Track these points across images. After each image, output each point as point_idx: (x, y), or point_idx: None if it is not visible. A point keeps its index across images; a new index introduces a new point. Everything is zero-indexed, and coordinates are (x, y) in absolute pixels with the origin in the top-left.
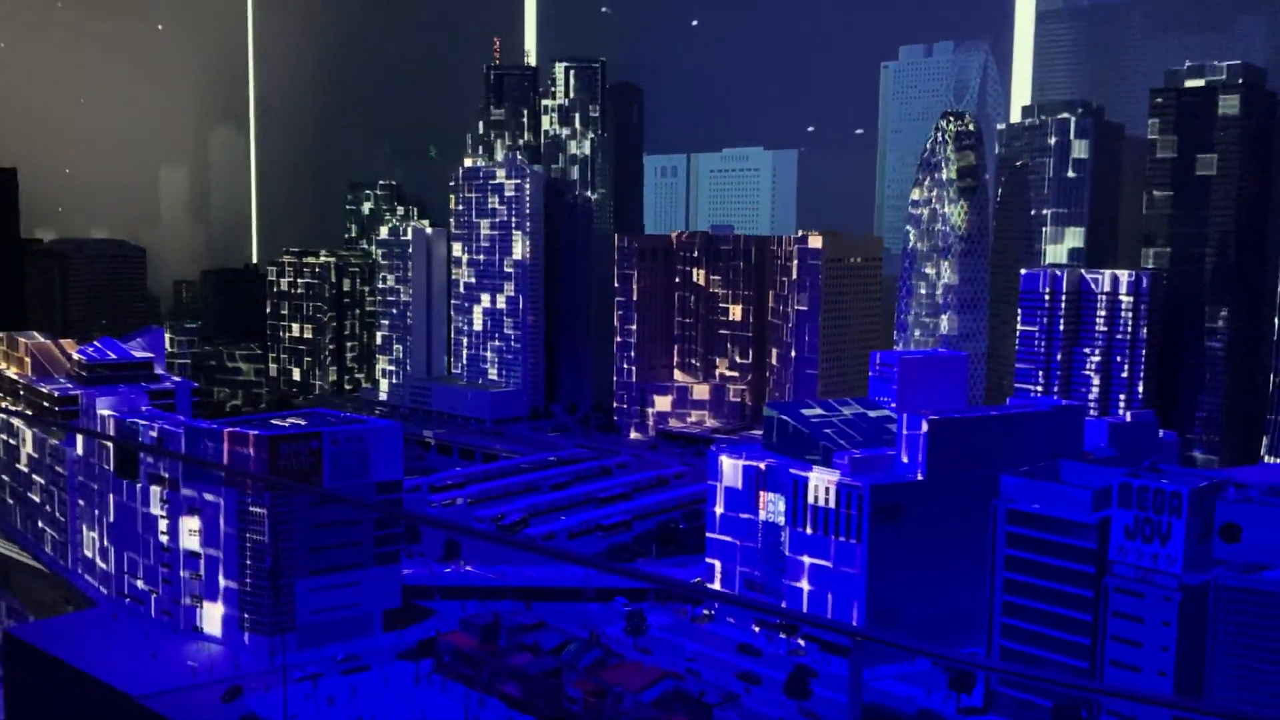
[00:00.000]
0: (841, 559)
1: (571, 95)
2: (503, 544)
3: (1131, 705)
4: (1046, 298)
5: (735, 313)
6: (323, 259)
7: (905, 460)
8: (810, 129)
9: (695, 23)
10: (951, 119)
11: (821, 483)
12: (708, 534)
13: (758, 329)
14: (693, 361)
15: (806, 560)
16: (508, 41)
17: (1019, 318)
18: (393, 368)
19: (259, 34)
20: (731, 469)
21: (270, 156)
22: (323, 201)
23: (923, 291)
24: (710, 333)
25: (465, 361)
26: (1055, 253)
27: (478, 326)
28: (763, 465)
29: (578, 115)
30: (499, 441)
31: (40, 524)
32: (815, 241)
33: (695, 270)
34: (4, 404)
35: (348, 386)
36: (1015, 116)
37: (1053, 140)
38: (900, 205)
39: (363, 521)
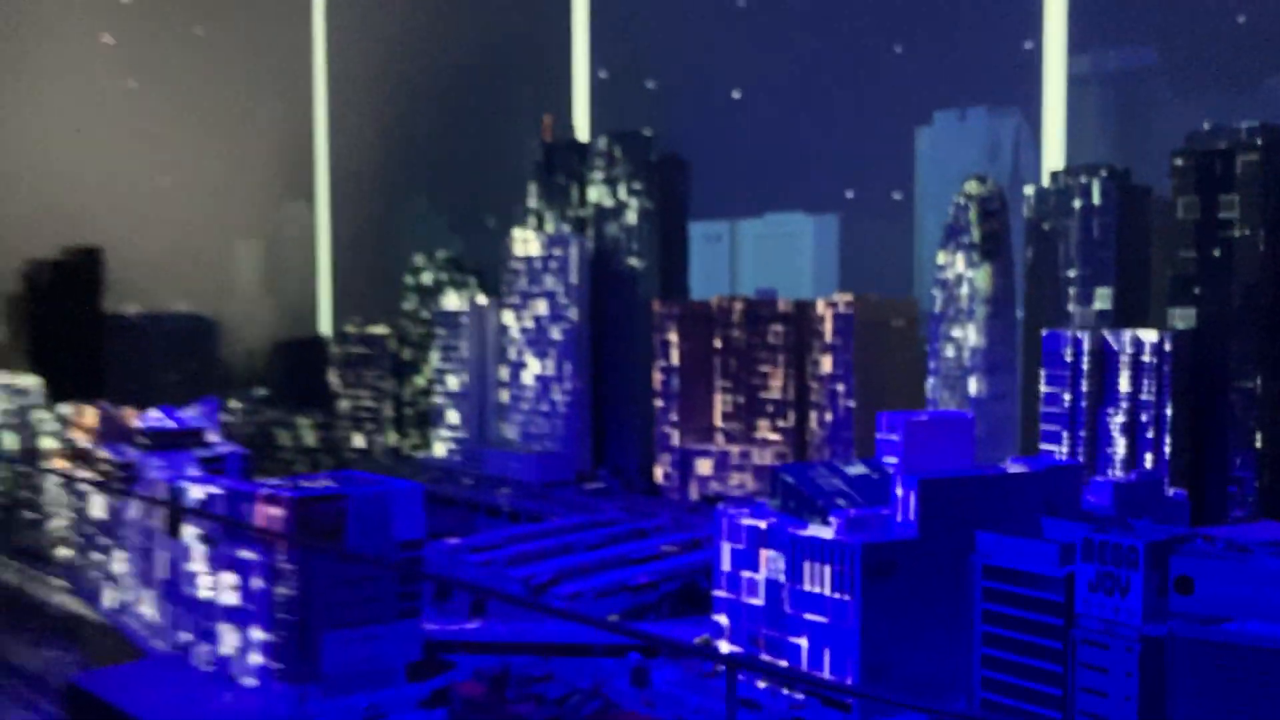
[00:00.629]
0: (836, 615)
1: (618, 167)
2: (496, 598)
3: None
4: (1069, 359)
5: (776, 376)
6: (383, 329)
7: (900, 519)
8: (849, 194)
9: (737, 95)
10: (975, 183)
11: (817, 541)
12: (714, 592)
13: (798, 392)
14: (734, 425)
15: (805, 616)
16: (559, 118)
17: (1042, 379)
18: (448, 433)
19: (329, 114)
20: (736, 528)
21: (336, 231)
22: (385, 274)
23: (950, 354)
24: (751, 396)
25: (516, 426)
26: (1084, 315)
27: (528, 392)
28: (764, 524)
29: (624, 186)
30: (544, 504)
31: (102, 581)
32: (847, 304)
33: (736, 334)
34: (73, 470)
35: (405, 452)
36: (1046, 180)
37: (1078, 203)
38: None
39: (385, 578)
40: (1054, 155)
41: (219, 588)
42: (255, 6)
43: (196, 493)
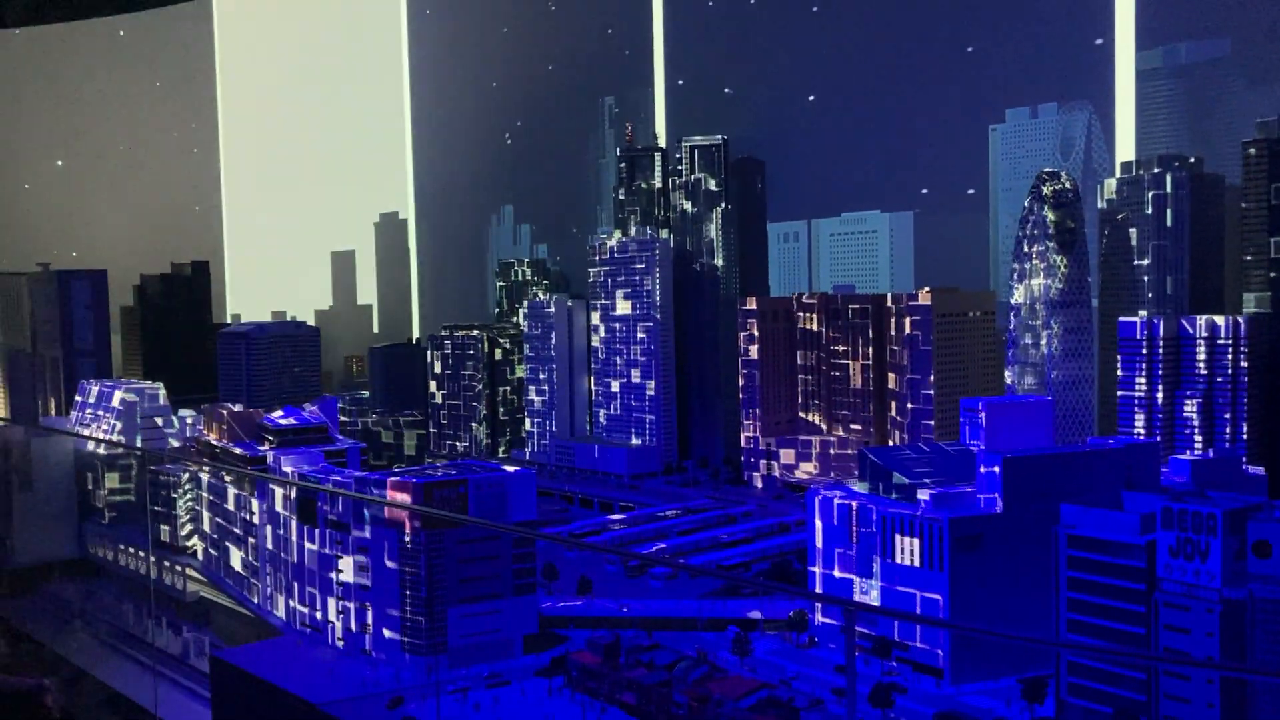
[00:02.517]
0: (926, 587)
1: (697, 171)
2: (582, 548)
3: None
4: (1144, 344)
5: (855, 368)
6: (474, 332)
7: (983, 496)
8: (924, 191)
9: (811, 98)
10: (1049, 177)
11: (906, 516)
12: (809, 568)
13: (877, 383)
14: (815, 416)
15: (897, 589)
16: (639, 125)
17: (1119, 364)
18: (538, 430)
19: (416, 130)
20: (827, 508)
21: (427, 240)
22: (474, 279)
23: (1028, 342)
24: (831, 387)
25: (604, 421)
26: (1158, 302)
27: (615, 389)
28: (854, 503)
29: (703, 189)
30: (634, 495)
31: (236, 567)
32: (926, 297)
33: (816, 329)
34: (205, 466)
35: (499, 449)
36: (1118, 172)
37: (1150, 194)
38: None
39: (503, 557)
40: (1126, 147)
41: (349, 570)
42: (348, 25)
43: (327, 482)
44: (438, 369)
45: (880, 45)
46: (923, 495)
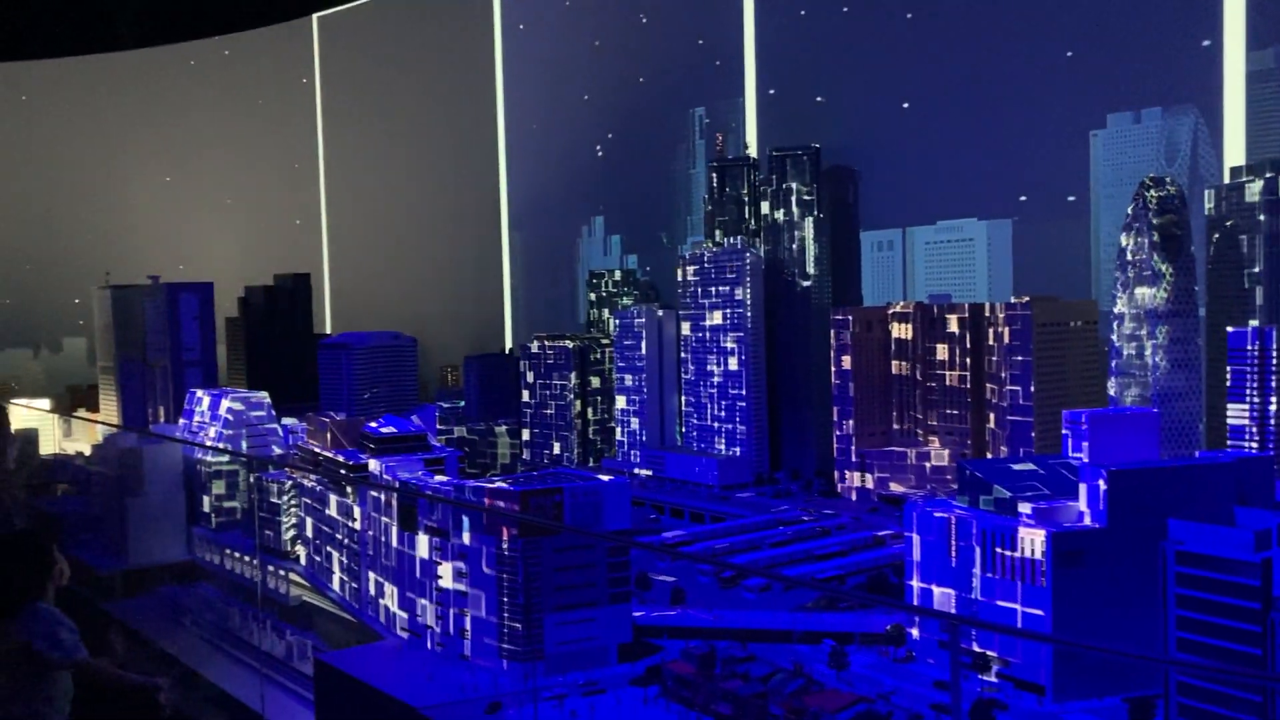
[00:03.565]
0: (1028, 603)
1: (789, 180)
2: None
3: None
4: (1255, 355)
5: (951, 378)
6: (566, 342)
7: (1087, 510)
8: (1022, 198)
9: (906, 105)
10: (1152, 183)
11: (1008, 531)
12: (906, 582)
13: (974, 394)
14: (911, 427)
15: (997, 604)
16: (730, 135)
17: (1228, 375)
18: (628, 439)
19: (509, 144)
20: (926, 521)
21: (519, 251)
22: (565, 290)
23: (1132, 353)
24: (927, 399)
25: (695, 431)
26: (1268, 310)
27: (705, 399)
28: (953, 516)
29: (795, 199)
30: (726, 506)
31: (338, 573)
32: (1025, 307)
33: (911, 339)
34: (309, 473)
35: (590, 459)
36: (1226, 177)
37: (1259, 199)
38: (1114, 269)
39: (598, 565)
40: (1235, 152)
41: (448, 576)
42: (443, 42)
43: (427, 490)
44: (530, 378)
45: (976, 51)
46: (1024, 509)
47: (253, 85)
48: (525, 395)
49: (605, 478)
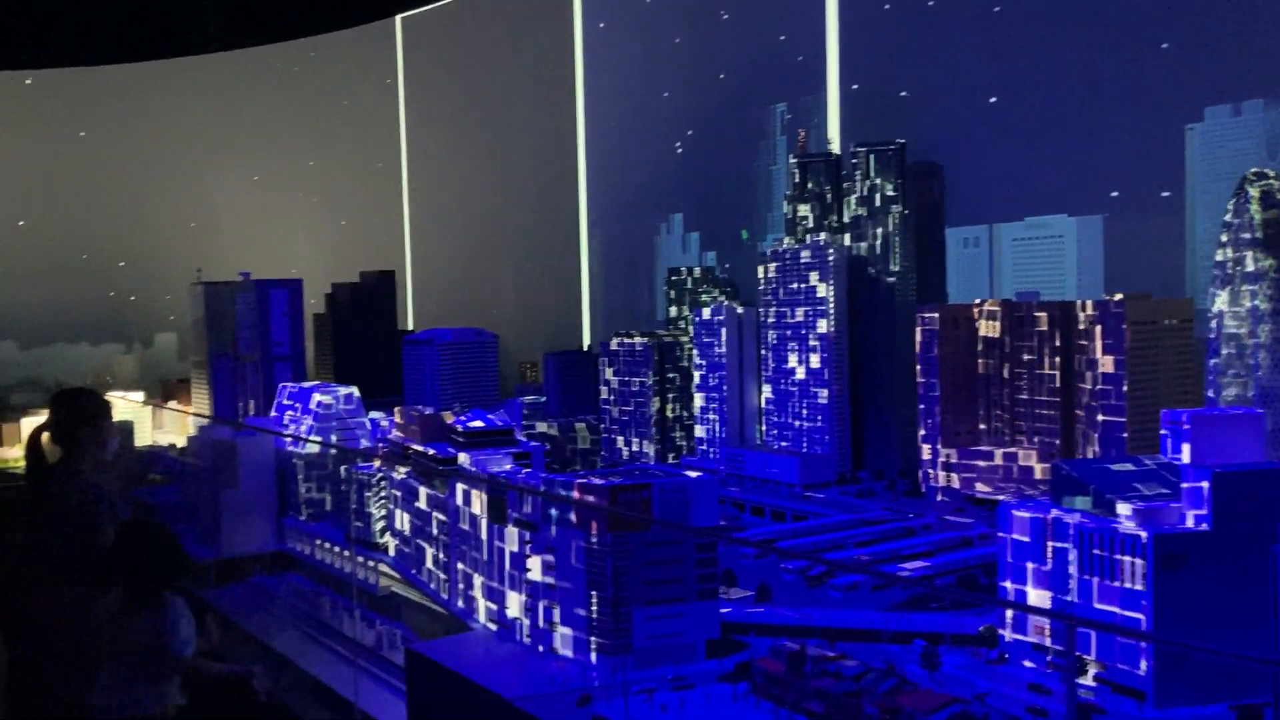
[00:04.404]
0: (1127, 606)
1: (873, 177)
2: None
3: None
4: None
5: (1040, 377)
6: (644, 339)
7: (1191, 512)
8: (1114, 194)
9: (994, 99)
10: (1254, 177)
11: (1106, 532)
12: (999, 584)
13: (1064, 393)
14: (998, 426)
15: (1095, 606)
16: (812, 131)
17: None
18: (708, 436)
19: (589, 141)
20: (1020, 521)
21: (598, 248)
22: (643, 287)
23: (1232, 352)
24: (1015, 398)
25: (775, 429)
26: None
27: (786, 396)
28: (1049, 517)
29: (879, 195)
30: (807, 504)
31: (427, 564)
32: (1119, 304)
33: (999, 336)
34: (399, 465)
35: (669, 455)
36: None
37: None
38: (1211, 266)
39: (686, 561)
40: None
41: (537, 569)
42: (523, 40)
43: (518, 483)
44: (609, 375)
45: (1066, 44)
46: (1123, 510)
47: (338, 86)
48: (604, 392)
49: (693, 474)
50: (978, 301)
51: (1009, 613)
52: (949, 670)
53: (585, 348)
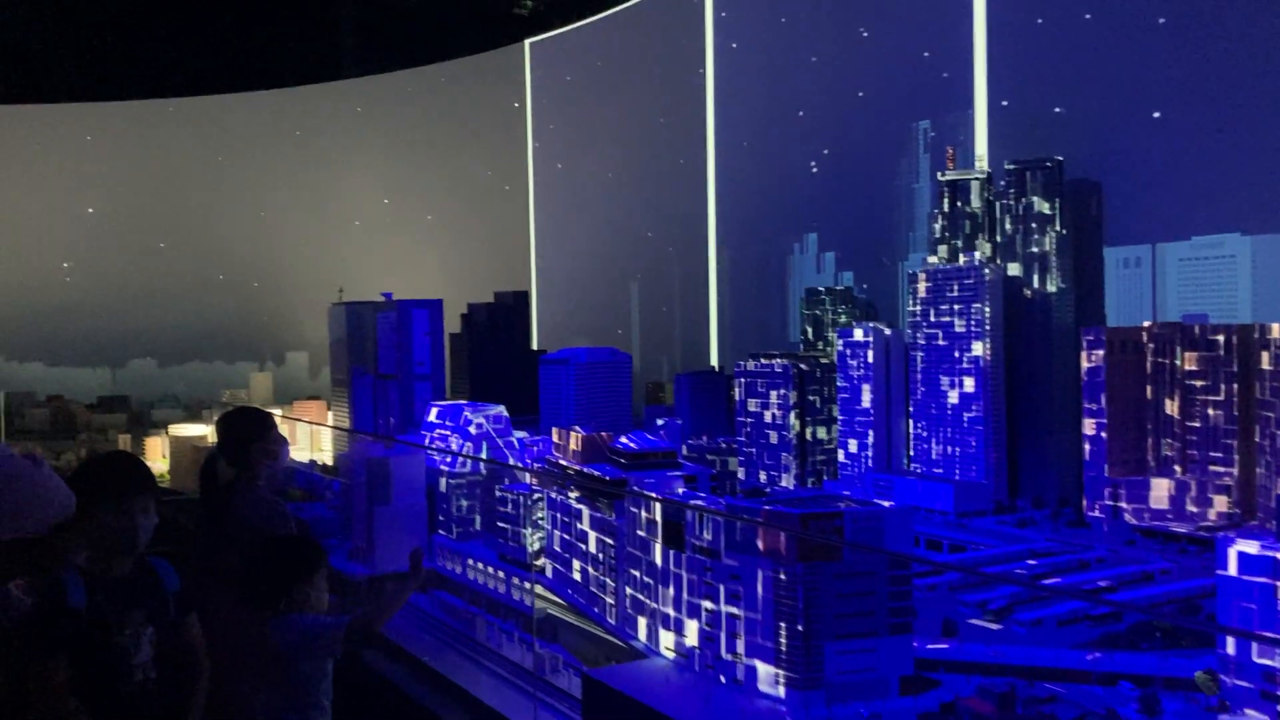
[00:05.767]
0: None
1: (1028, 195)
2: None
3: None
4: None
5: (1216, 404)
6: (780, 360)
7: None
8: None
9: (1157, 114)
10: None
11: None
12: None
13: (1243, 420)
14: (1168, 455)
15: None
16: (959, 149)
17: None
18: (852, 462)
19: (719, 160)
20: (1242, 559)
21: (727, 268)
22: (774, 307)
23: None
24: (1186, 424)
25: (924, 456)
26: None
27: (938, 422)
28: (1278, 554)
29: (1034, 213)
30: (963, 534)
31: (591, 589)
32: None
33: (1169, 361)
34: (557, 486)
35: (809, 481)
36: None
37: None
38: None
39: (878, 594)
40: None
41: (718, 597)
42: (652, 58)
43: (693, 506)
44: (744, 397)
45: (1238, 55)
46: None
47: (466, 109)
48: (739, 415)
49: (886, 504)
50: (1146, 324)
51: (1229, 653)
52: (1169, 719)
53: (715, 368)
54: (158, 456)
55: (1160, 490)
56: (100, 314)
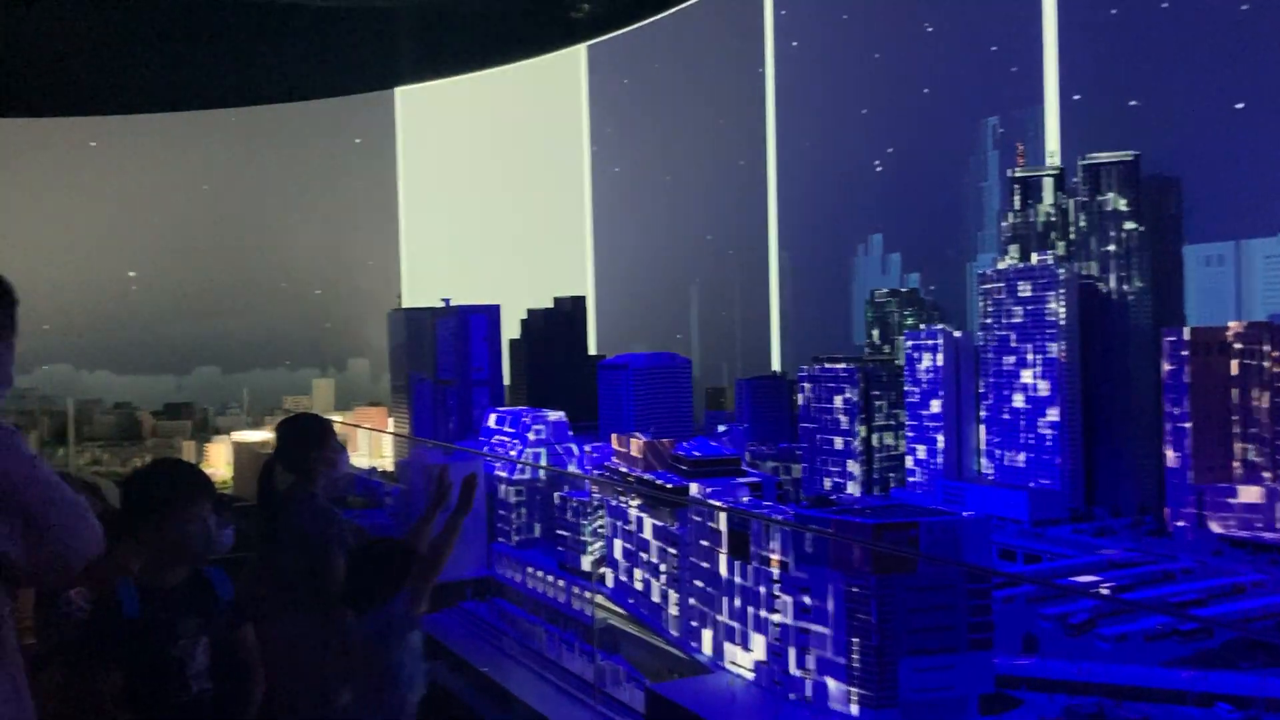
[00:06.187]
0: None
1: (1102, 191)
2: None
3: None
4: None
5: None
6: (845, 364)
7: None
8: None
9: (1240, 105)
10: None
11: None
12: None
13: None
14: (1258, 461)
15: None
16: (1030, 145)
17: None
18: (920, 468)
19: (780, 162)
20: None
21: (788, 270)
22: (837, 310)
23: None
24: (1277, 429)
25: (997, 462)
26: None
27: (1009, 427)
28: None
29: (1109, 210)
30: (1039, 543)
31: (653, 598)
32: None
33: (1258, 363)
34: (621, 492)
35: (874, 488)
36: None
37: None
38: None
39: (957, 608)
40: None
41: (786, 610)
42: (712, 65)
43: (760, 516)
44: (808, 401)
45: None
46: None
47: (524, 117)
48: (803, 420)
49: (966, 513)
50: (1231, 324)
51: None
52: None
53: (776, 372)
54: (221, 463)
55: (1248, 497)
56: (166, 322)
